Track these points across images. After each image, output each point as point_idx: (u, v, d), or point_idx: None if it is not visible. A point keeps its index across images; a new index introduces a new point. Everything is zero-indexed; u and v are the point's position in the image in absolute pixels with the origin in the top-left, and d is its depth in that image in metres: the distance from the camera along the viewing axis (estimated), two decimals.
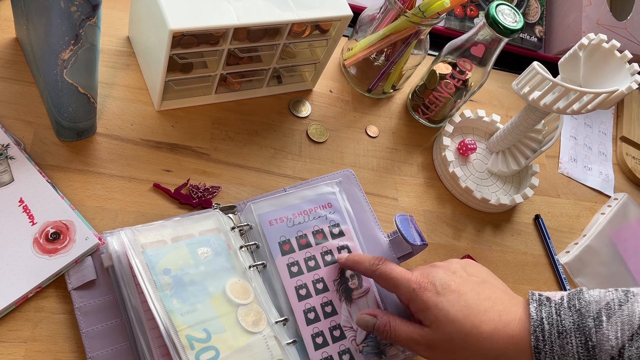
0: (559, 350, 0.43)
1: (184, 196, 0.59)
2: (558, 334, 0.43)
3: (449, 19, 0.88)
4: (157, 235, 0.51)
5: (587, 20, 0.89)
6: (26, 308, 0.49)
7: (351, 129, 0.73)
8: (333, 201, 0.59)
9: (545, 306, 0.45)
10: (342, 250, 0.57)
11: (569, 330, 0.43)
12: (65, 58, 0.47)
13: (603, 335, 0.42)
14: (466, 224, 0.72)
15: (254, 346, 0.49)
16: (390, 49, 0.73)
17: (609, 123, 0.94)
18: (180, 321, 0.47)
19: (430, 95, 0.74)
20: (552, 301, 0.45)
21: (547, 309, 0.45)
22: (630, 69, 0.62)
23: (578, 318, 0.43)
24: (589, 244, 0.75)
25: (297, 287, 0.55)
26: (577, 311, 0.44)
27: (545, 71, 0.63)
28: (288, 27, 0.60)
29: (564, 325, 0.44)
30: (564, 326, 0.43)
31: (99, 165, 0.58)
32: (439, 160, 0.74)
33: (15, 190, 0.52)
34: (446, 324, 0.46)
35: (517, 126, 0.70)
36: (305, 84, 0.73)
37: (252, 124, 0.67)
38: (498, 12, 0.64)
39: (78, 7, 0.43)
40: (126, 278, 0.49)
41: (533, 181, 0.74)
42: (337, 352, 0.53)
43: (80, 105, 0.53)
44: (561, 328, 0.44)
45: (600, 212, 0.81)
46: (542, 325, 0.44)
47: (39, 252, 0.49)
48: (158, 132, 0.62)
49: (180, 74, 0.60)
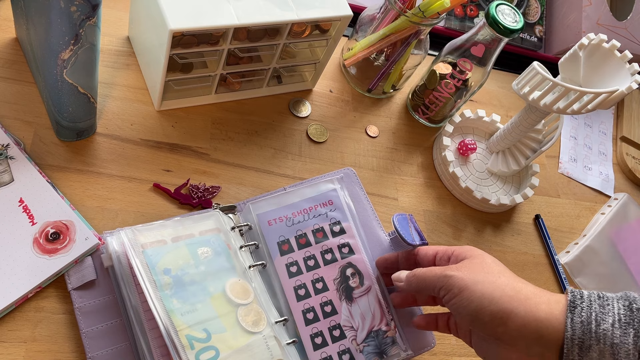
0: (597, 309, 0.42)
1: (184, 196, 0.59)
2: (598, 297, 0.43)
3: (449, 19, 0.88)
4: (157, 235, 0.51)
5: (587, 20, 0.89)
6: (26, 308, 0.49)
7: (351, 129, 0.73)
8: (334, 198, 0.59)
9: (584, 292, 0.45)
10: (342, 248, 0.57)
11: (611, 297, 0.43)
12: (65, 58, 0.47)
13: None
14: (466, 224, 0.72)
15: (253, 346, 0.49)
16: (390, 49, 0.73)
17: (609, 123, 0.94)
18: (180, 321, 0.47)
19: (430, 95, 0.74)
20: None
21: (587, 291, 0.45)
22: (630, 69, 0.62)
23: (623, 293, 0.44)
24: (589, 244, 0.75)
25: (296, 287, 0.55)
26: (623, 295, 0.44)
27: (545, 71, 0.63)
28: (288, 27, 0.60)
29: (605, 295, 0.43)
30: (605, 295, 0.43)
31: (98, 165, 0.58)
32: (439, 160, 0.74)
33: (15, 190, 0.52)
34: (479, 260, 0.48)
35: (517, 126, 0.70)
36: (305, 84, 0.73)
37: (252, 124, 0.67)
38: (498, 12, 0.64)
39: (78, 7, 0.43)
40: (126, 278, 0.49)
41: (533, 181, 0.74)
42: (337, 352, 0.53)
43: (80, 105, 0.53)
44: (602, 295, 0.43)
45: (600, 212, 0.81)
46: (581, 292, 0.44)
47: (39, 252, 0.49)
48: (158, 132, 0.62)
49: (180, 74, 0.60)
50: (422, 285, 0.49)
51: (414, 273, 0.50)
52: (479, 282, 0.46)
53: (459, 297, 0.46)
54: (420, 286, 0.50)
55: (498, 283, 0.45)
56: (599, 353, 0.40)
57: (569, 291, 0.44)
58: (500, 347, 0.45)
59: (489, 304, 0.44)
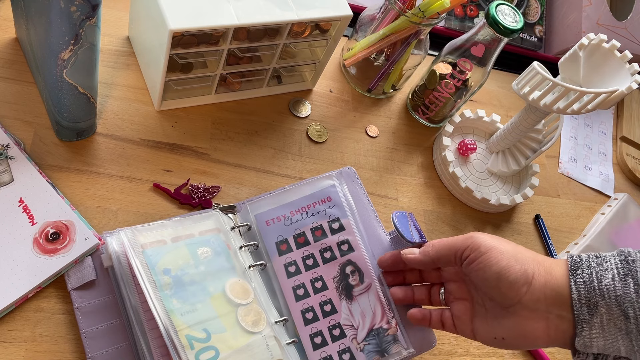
0: (596, 267, 0.44)
1: (184, 196, 0.59)
2: (596, 257, 0.45)
3: (449, 19, 0.88)
4: (157, 235, 0.51)
5: (587, 20, 0.89)
6: (26, 308, 0.49)
7: (351, 129, 0.73)
8: (333, 194, 0.59)
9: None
10: (342, 246, 0.57)
11: (608, 255, 0.45)
12: (65, 58, 0.47)
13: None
14: (466, 224, 0.72)
15: (253, 346, 0.49)
16: (390, 49, 0.73)
17: (609, 123, 0.94)
18: (180, 321, 0.47)
19: (430, 95, 0.74)
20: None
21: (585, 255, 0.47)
22: (630, 69, 0.62)
23: (619, 250, 0.46)
24: (589, 244, 0.75)
25: (295, 287, 0.55)
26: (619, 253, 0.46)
27: (545, 71, 0.63)
28: (288, 27, 0.60)
29: (602, 255, 0.46)
30: (602, 255, 0.46)
31: (98, 165, 0.58)
32: (439, 160, 0.74)
33: (15, 190, 0.52)
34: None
35: (517, 126, 0.70)
36: (305, 84, 0.73)
37: (252, 124, 0.67)
38: (498, 12, 0.64)
39: (78, 7, 0.43)
40: (126, 278, 0.49)
41: (533, 181, 0.74)
42: (337, 352, 0.53)
43: (80, 105, 0.53)
44: (599, 255, 0.46)
45: (600, 212, 0.81)
46: (580, 255, 0.46)
47: (39, 252, 0.49)
48: (158, 132, 0.62)
49: (180, 74, 0.61)
50: (444, 250, 0.50)
51: (432, 243, 0.51)
52: (503, 243, 0.48)
53: (486, 255, 0.46)
54: (441, 253, 0.50)
55: (518, 248, 0.48)
56: (606, 308, 0.43)
57: (569, 256, 0.46)
58: (519, 317, 0.46)
59: (515, 263, 0.46)
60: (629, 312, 0.42)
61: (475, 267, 0.47)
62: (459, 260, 0.49)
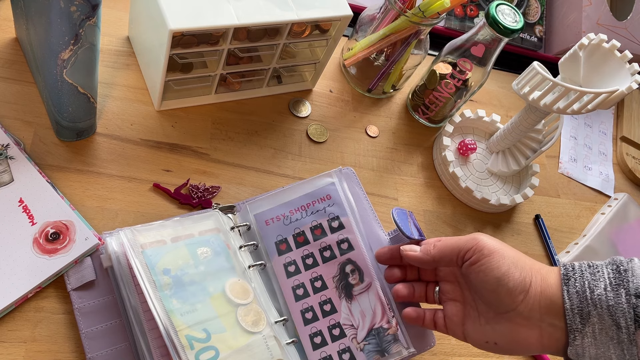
0: (589, 277, 0.44)
1: (183, 196, 0.59)
2: (588, 266, 0.46)
3: (449, 18, 0.88)
4: (157, 235, 0.51)
5: (587, 20, 0.89)
6: (26, 308, 0.49)
7: (351, 129, 0.73)
8: (332, 192, 0.59)
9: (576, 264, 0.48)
10: (341, 245, 0.57)
11: (600, 264, 0.45)
12: (65, 58, 0.47)
13: (635, 264, 0.44)
14: (466, 224, 0.72)
15: (253, 346, 0.49)
16: (390, 49, 0.73)
17: (609, 123, 0.94)
18: (180, 321, 0.47)
19: (430, 95, 0.74)
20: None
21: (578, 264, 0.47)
22: (630, 69, 0.62)
23: (610, 259, 0.46)
24: (589, 244, 0.75)
25: (294, 286, 0.55)
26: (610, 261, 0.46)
27: (545, 71, 0.63)
28: (288, 27, 0.60)
29: (594, 264, 0.46)
30: (594, 264, 0.46)
31: (98, 165, 0.58)
32: (439, 160, 0.74)
33: (15, 190, 0.52)
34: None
35: (517, 126, 0.70)
36: (305, 83, 0.73)
37: (252, 124, 0.67)
38: (498, 12, 0.63)
39: (78, 7, 0.43)
40: (126, 278, 0.49)
41: (533, 181, 0.74)
42: (337, 351, 0.53)
43: (80, 105, 0.53)
44: (591, 264, 0.46)
45: (600, 212, 0.81)
46: (572, 264, 0.46)
47: (39, 252, 0.49)
48: (158, 132, 0.62)
49: (180, 74, 0.60)
50: (447, 250, 0.49)
51: (433, 243, 0.51)
52: (504, 248, 0.47)
53: (488, 258, 0.46)
54: (443, 253, 0.49)
55: (519, 254, 0.48)
56: (598, 318, 0.43)
57: (562, 265, 0.46)
58: (513, 323, 0.46)
59: (515, 269, 0.46)
60: (621, 322, 0.42)
61: (477, 269, 0.47)
62: (460, 261, 0.48)
